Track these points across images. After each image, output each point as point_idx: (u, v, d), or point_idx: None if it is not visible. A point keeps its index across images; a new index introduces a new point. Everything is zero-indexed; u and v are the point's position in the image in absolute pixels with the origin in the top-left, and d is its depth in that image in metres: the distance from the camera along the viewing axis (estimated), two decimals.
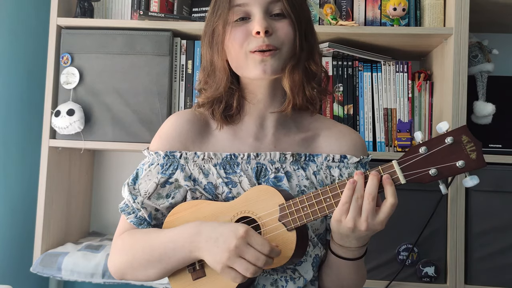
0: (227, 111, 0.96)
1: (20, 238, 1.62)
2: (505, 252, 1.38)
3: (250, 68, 0.90)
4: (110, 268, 0.96)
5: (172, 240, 0.87)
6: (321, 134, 0.99)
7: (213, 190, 0.93)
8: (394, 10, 1.47)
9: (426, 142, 0.78)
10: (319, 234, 0.95)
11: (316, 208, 0.83)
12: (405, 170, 0.79)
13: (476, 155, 0.76)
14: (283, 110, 0.94)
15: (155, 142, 0.99)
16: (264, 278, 0.90)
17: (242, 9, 0.89)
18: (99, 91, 1.53)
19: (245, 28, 0.89)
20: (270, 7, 0.89)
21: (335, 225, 0.83)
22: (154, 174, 0.94)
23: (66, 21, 1.55)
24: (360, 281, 0.96)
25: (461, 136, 0.77)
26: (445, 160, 0.77)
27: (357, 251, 0.88)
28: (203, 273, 0.89)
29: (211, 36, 0.93)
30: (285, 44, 0.89)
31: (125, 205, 0.96)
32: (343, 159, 0.96)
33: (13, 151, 1.60)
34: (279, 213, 0.84)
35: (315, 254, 0.93)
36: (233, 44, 0.90)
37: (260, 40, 0.87)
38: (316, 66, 0.95)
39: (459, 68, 1.39)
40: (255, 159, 0.94)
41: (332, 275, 0.94)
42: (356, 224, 0.79)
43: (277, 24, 0.89)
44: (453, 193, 1.38)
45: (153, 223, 0.96)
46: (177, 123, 0.98)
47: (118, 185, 1.84)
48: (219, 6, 0.92)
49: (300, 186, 0.93)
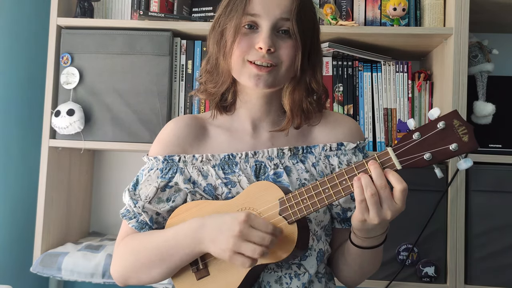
0: (222, 103, 1.00)
1: (20, 238, 1.62)
2: (505, 252, 1.37)
3: (245, 76, 0.91)
4: (113, 274, 0.96)
5: (175, 237, 0.87)
6: (316, 125, 1.00)
7: (213, 192, 0.93)
8: (394, 10, 1.47)
9: (419, 128, 0.79)
10: (324, 226, 0.95)
11: (316, 200, 0.83)
12: (400, 156, 0.80)
13: (468, 137, 0.77)
14: (282, 129, 0.96)
15: (154, 148, 1.00)
16: (268, 275, 0.90)
17: (252, 19, 0.90)
18: (99, 91, 1.53)
19: (250, 38, 0.90)
20: (279, 23, 0.90)
21: (360, 225, 0.83)
22: (154, 178, 0.95)
23: (66, 21, 1.55)
24: (380, 263, 0.98)
25: (453, 120, 0.78)
26: (439, 144, 0.78)
27: (381, 236, 0.88)
28: (206, 272, 0.89)
29: (220, 36, 0.94)
30: (284, 63, 0.91)
31: (126, 210, 0.97)
32: (340, 146, 0.96)
33: (13, 151, 1.60)
34: (279, 207, 0.85)
35: (319, 249, 0.93)
36: (235, 51, 0.91)
37: (261, 54, 0.89)
38: (317, 85, 0.96)
39: (459, 68, 1.39)
40: (253, 157, 0.95)
41: (356, 265, 0.94)
42: (382, 217, 0.80)
43: (281, 43, 0.90)
44: (453, 193, 1.38)
45: (154, 227, 0.96)
46: (175, 128, 0.99)
47: (118, 185, 1.85)
48: (232, 8, 0.92)
49: (300, 179, 0.93)
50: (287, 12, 0.89)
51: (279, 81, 0.92)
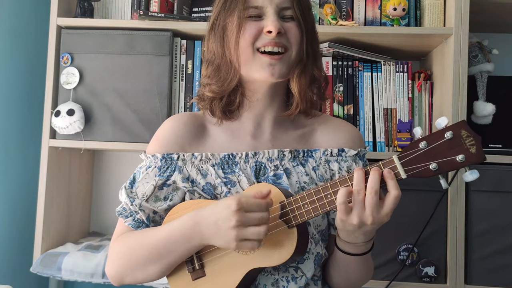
0: (228, 107, 0.96)
1: (20, 238, 1.61)
2: (505, 252, 1.37)
3: (257, 68, 0.90)
4: (108, 273, 0.95)
5: (173, 234, 0.86)
6: (317, 129, 1.00)
7: (212, 191, 0.93)
8: (394, 10, 1.47)
9: (426, 137, 0.78)
10: (321, 230, 0.95)
11: (317, 205, 0.83)
12: (406, 165, 0.79)
13: (476, 149, 0.76)
14: (291, 114, 0.95)
15: (152, 146, 0.99)
16: (265, 277, 0.90)
17: (257, 11, 0.90)
18: (99, 91, 1.53)
19: (257, 24, 0.90)
20: (282, 12, 0.91)
21: (340, 224, 0.83)
22: (151, 176, 0.94)
23: (66, 21, 1.55)
24: (368, 275, 0.97)
25: (461, 130, 0.77)
26: (445, 154, 0.77)
27: (364, 246, 0.88)
28: (202, 272, 0.89)
29: (222, 32, 0.93)
30: (294, 46, 0.91)
31: (122, 208, 0.96)
32: (341, 152, 0.96)
33: (13, 151, 1.60)
34: (280, 210, 0.84)
35: (316, 252, 0.93)
36: (244, 39, 0.90)
37: (270, 38, 0.89)
38: (319, 71, 0.97)
39: (459, 68, 1.39)
40: (253, 157, 0.94)
41: (341, 271, 0.94)
42: (362, 219, 0.79)
43: (287, 25, 0.91)
44: (453, 193, 1.38)
45: (151, 226, 0.95)
46: (173, 126, 0.98)
47: (118, 185, 1.84)
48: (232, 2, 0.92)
49: (300, 182, 0.93)
50: (288, 1, 0.91)
51: (290, 68, 0.92)
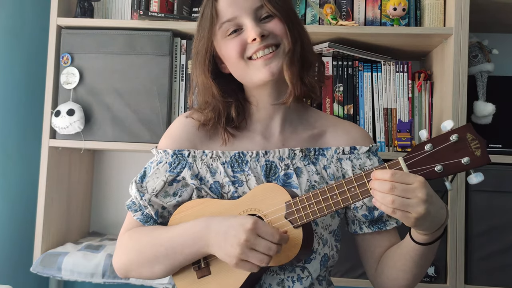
0: (230, 124, 0.97)
1: (20, 238, 1.61)
2: (505, 252, 1.38)
3: (255, 73, 0.92)
4: (115, 265, 0.96)
5: (181, 236, 0.87)
6: (327, 131, 1.01)
7: (219, 190, 0.93)
8: (394, 10, 1.47)
9: (431, 140, 0.79)
10: (332, 230, 0.95)
11: (323, 206, 0.83)
12: (411, 167, 0.80)
13: (481, 152, 0.77)
14: (285, 102, 0.95)
15: (164, 141, 1.00)
16: (270, 277, 0.90)
17: (232, 23, 0.92)
18: (99, 91, 1.53)
19: (240, 38, 0.92)
20: (258, 13, 0.92)
21: (406, 221, 0.78)
22: (162, 172, 0.95)
23: (66, 21, 1.55)
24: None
25: (466, 133, 0.78)
26: (450, 157, 0.78)
27: (437, 232, 0.83)
28: (208, 271, 0.89)
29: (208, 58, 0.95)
30: (283, 39, 0.92)
31: (132, 202, 0.97)
32: (353, 150, 0.97)
33: (13, 151, 1.60)
34: (286, 210, 0.85)
35: (324, 253, 0.93)
36: (231, 56, 0.92)
37: (257, 44, 0.90)
38: (311, 55, 0.97)
39: (459, 68, 1.39)
40: (264, 156, 0.95)
41: (414, 266, 0.89)
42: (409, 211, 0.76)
43: (269, 25, 0.92)
44: (453, 193, 1.38)
45: (159, 221, 0.96)
46: (186, 123, 0.99)
47: (118, 185, 1.84)
48: (202, 27, 0.94)
49: (310, 181, 0.93)
50: (257, 0, 0.92)
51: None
